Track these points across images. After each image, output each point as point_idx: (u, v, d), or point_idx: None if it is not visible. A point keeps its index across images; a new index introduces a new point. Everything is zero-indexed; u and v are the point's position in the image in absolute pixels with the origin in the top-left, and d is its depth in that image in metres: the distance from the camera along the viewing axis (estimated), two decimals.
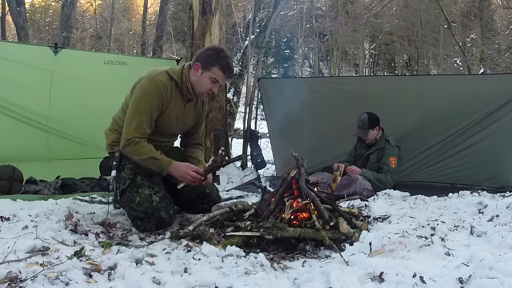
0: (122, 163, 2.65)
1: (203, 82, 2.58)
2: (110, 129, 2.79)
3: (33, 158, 4.19)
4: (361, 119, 4.06)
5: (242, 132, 5.95)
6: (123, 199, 2.60)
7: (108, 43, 23.89)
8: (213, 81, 2.58)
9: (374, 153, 4.07)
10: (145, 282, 1.60)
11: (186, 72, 2.62)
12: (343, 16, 25.33)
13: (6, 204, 2.62)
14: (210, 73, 2.55)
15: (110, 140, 2.76)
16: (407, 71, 26.28)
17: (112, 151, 2.74)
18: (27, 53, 4.16)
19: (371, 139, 4.08)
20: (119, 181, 2.64)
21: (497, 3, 21.32)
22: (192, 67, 2.60)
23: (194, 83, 2.61)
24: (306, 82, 6.02)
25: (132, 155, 2.56)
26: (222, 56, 2.56)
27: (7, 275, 1.52)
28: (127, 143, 2.53)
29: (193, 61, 2.62)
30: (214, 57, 2.54)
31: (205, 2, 4.81)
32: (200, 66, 2.56)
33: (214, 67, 2.54)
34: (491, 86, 4.23)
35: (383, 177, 3.90)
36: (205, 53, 2.60)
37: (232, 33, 15.33)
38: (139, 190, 2.53)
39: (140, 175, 2.60)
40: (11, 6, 11.02)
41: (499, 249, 1.87)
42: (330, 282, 1.58)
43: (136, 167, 2.61)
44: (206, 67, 2.55)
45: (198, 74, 2.58)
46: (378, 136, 4.09)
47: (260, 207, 2.52)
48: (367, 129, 4.03)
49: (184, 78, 2.62)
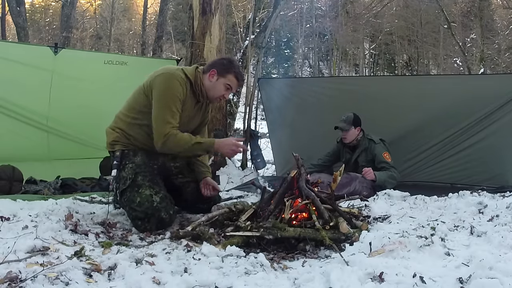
0: (123, 163, 2.65)
1: (217, 87, 2.72)
2: (112, 127, 2.77)
3: (33, 158, 4.19)
4: (346, 115, 4.09)
5: (242, 132, 5.95)
6: (123, 199, 2.59)
7: (108, 43, 23.91)
8: (227, 88, 2.74)
9: (361, 155, 4.07)
10: (145, 282, 1.60)
11: (200, 75, 2.72)
12: (343, 16, 25.33)
13: (6, 204, 2.62)
14: (225, 79, 2.71)
15: (111, 139, 2.74)
16: (407, 71, 26.29)
17: (113, 150, 2.73)
18: (27, 53, 4.16)
19: (351, 138, 4.08)
20: (119, 181, 2.63)
21: (497, 3, 21.34)
22: (207, 72, 2.72)
23: (208, 88, 2.73)
24: (306, 82, 6.02)
25: (175, 148, 2.61)
26: (236, 66, 2.79)
27: (7, 275, 1.52)
28: (166, 140, 2.55)
29: (207, 67, 2.75)
30: (229, 66, 2.73)
31: (205, 2, 4.81)
32: (216, 72, 2.71)
33: (229, 74, 2.71)
34: (491, 86, 4.23)
35: (392, 172, 3.90)
36: (220, 61, 2.78)
37: (232, 33, 15.34)
38: (140, 190, 2.54)
39: (141, 175, 2.60)
40: (11, 6, 11.01)
41: (499, 249, 1.87)
42: (330, 282, 1.58)
43: (136, 167, 2.62)
44: (222, 74, 2.70)
45: (213, 80, 2.71)
46: (359, 137, 4.10)
47: (260, 207, 2.52)
48: (350, 125, 4.04)
49: (198, 80, 2.72)
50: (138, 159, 2.66)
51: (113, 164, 2.67)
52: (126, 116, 2.71)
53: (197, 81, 2.70)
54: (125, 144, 2.69)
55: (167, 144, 2.57)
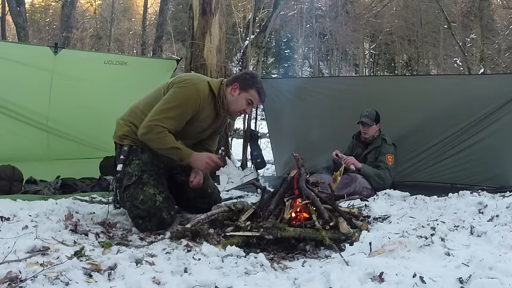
0: (130, 158, 2.64)
1: (239, 102, 2.73)
2: (124, 119, 2.75)
3: (33, 158, 4.19)
4: (369, 111, 4.10)
5: (242, 132, 5.95)
6: (126, 194, 2.58)
7: (108, 43, 23.92)
8: (248, 103, 2.75)
9: (371, 152, 4.09)
10: (145, 282, 1.60)
11: (224, 88, 2.74)
12: (343, 16, 25.36)
13: (6, 204, 2.62)
14: (248, 94, 2.72)
15: (121, 132, 2.71)
16: (407, 71, 26.30)
17: (121, 144, 2.70)
18: (27, 53, 4.15)
19: (371, 134, 4.10)
20: (124, 176, 2.62)
21: (497, 3, 21.35)
22: (230, 86, 2.73)
23: (230, 102, 2.74)
24: (306, 82, 6.02)
25: (154, 142, 2.57)
26: (259, 81, 2.77)
27: (7, 275, 1.52)
28: (150, 130, 2.52)
29: (230, 81, 2.76)
30: (252, 81, 2.73)
31: (205, 2, 4.81)
32: (239, 87, 2.71)
33: (251, 89, 2.71)
34: (491, 86, 4.23)
35: (382, 173, 3.91)
36: (243, 76, 2.78)
37: (232, 33, 15.36)
38: (144, 188, 2.53)
39: (147, 173, 2.59)
40: (11, 6, 11.02)
41: (499, 249, 1.87)
42: (330, 282, 1.58)
43: (143, 164, 2.61)
44: (245, 89, 2.71)
45: (235, 94, 2.72)
46: (376, 134, 4.11)
47: (260, 207, 2.52)
48: (373, 121, 4.06)
49: (222, 93, 2.73)
50: (145, 157, 2.65)
51: (120, 158, 2.65)
52: (142, 112, 2.68)
53: (220, 93, 2.71)
54: (134, 139, 2.67)
55: (148, 134, 2.54)
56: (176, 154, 2.59)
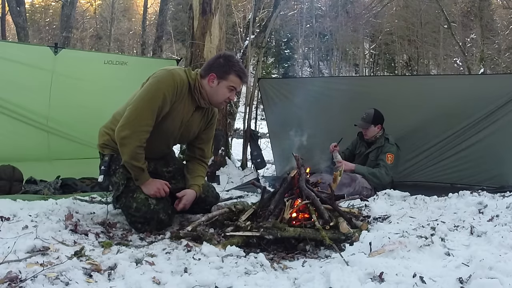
0: (112, 168, 2.56)
1: (220, 92, 2.53)
2: (106, 127, 2.64)
3: (33, 158, 4.19)
4: (367, 112, 4.10)
5: (242, 132, 5.95)
6: (120, 204, 2.56)
7: (108, 43, 23.94)
8: (231, 89, 2.54)
9: (373, 151, 4.09)
10: (145, 282, 1.60)
11: (198, 79, 2.54)
12: (343, 16, 25.36)
13: (6, 204, 2.61)
14: (227, 81, 2.51)
15: (102, 141, 2.62)
16: (407, 71, 26.31)
17: (102, 153, 2.63)
18: (27, 53, 4.16)
19: (370, 135, 4.10)
20: (112, 186, 2.58)
21: (497, 3, 21.35)
22: (206, 77, 2.53)
23: (210, 94, 2.54)
24: (306, 82, 6.02)
25: (125, 149, 2.41)
26: (235, 63, 2.54)
27: (7, 275, 1.52)
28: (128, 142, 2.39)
29: (205, 71, 2.55)
30: (228, 65, 2.51)
31: (205, 2, 4.81)
32: (216, 76, 2.51)
33: (230, 75, 2.50)
34: (491, 86, 4.23)
35: (377, 171, 3.91)
36: (217, 61, 2.54)
37: (232, 33, 15.34)
38: (135, 195, 2.48)
39: (133, 180, 2.52)
40: (11, 6, 11.02)
41: (499, 249, 1.87)
42: (330, 282, 1.58)
43: (127, 171, 2.51)
44: (222, 76, 2.50)
45: (214, 85, 2.52)
46: (378, 135, 4.11)
47: (260, 207, 2.52)
48: (370, 123, 4.06)
49: (197, 83, 2.54)
50: None
51: (101, 169, 2.55)
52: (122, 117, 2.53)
53: (196, 85, 2.53)
54: (114, 148, 2.55)
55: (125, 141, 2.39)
56: (135, 171, 2.45)
